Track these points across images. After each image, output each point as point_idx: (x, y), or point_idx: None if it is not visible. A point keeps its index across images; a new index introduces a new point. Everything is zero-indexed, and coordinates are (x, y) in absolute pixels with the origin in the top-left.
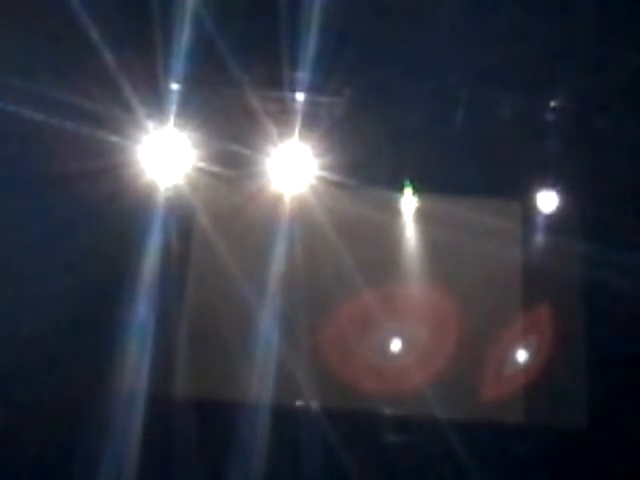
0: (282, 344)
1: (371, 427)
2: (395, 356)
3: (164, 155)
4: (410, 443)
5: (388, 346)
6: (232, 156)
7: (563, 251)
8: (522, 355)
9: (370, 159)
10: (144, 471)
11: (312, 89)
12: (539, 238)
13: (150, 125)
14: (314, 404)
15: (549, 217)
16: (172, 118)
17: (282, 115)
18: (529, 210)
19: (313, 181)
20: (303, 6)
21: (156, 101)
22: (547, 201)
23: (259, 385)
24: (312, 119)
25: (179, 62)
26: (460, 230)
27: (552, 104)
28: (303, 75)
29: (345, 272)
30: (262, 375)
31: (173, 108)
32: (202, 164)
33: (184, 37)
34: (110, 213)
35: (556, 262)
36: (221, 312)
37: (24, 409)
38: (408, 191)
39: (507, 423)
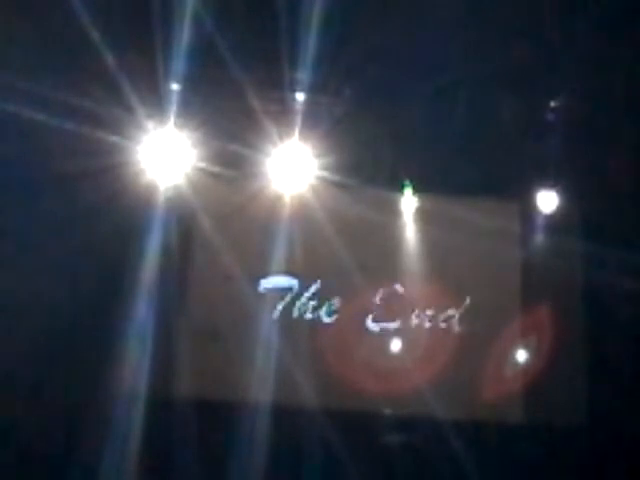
0: (282, 344)
1: (371, 427)
2: (395, 356)
3: (164, 155)
4: (410, 443)
5: (388, 346)
6: (232, 156)
7: (563, 251)
8: (522, 355)
9: (370, 159)
10: (144, 471)
11: (312, 89)
12: (539, 238)
13: (150, 125)
14: (314, 404)
15: (549, 217)
16: (172, 118)
17: (282, 115)
18: (529, 210)
19: (313, 181)
20: (303, 6)
21: (156, 101)
22: (547, 201)
23: (259, 385)
24: (312, 119)
25: (179, 62)
26: (460, 230)
27: (552, 104)
28: (303, 75)
29: (345, 272)
30: (262, 375)
31: (173, 108)
32: (202, 164)
33: (184, 37)
34: (110, 213)
35: (556, 262)
36: (221, 312)
37: (24, 409)
38: (408, 191)
39: (507, 423)
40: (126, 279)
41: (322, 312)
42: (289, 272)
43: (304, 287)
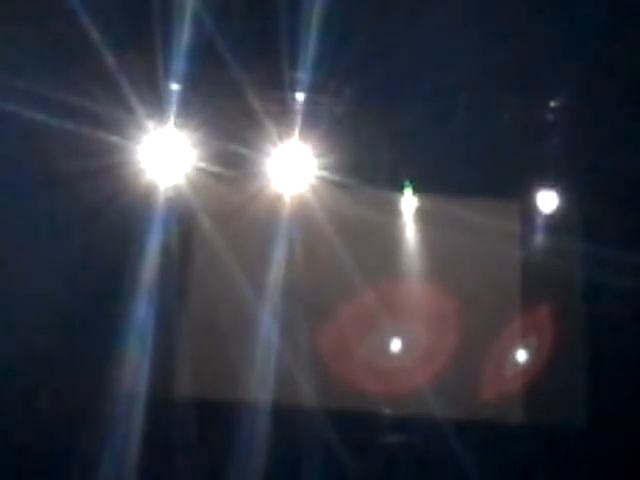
0: (282, 344)
1: (371, 427)
2: (395, 356)
3: (164, 155)
4: (410, 443)
5: (388, 346)
6: (232, 156)
7: (563, 251)
8: (522, 355)
9: (370, 159)
10: (144, 471)
11: (312, 89)
12: (539, 238)
13: (150, 125)
14: (314, 404)
15: (549, 217)
16: (172, 118)
17: (282, 115)
18: (529, 210)
19: (313, 181)
20: (303, 6)
21: (156, 101)
22: (547, 201)
23: (259, 385)
24: (312, 119)
25: (179, 62)
26: (460, 230)
27: (552, 104)
28: (303, 75)
29: (345, 272)
30: (262, 375)
31: (173, 108)
32: (202, 164)
33: (184, 37)
34: (110, 213)
35: (556, 262)
36: (221, 312)
37: (24, 409)
38: (408, 191)
39: (507, 423)
40: (126, 279)
41: (322, 312)
42: (289, 272)
43: (304, 287)
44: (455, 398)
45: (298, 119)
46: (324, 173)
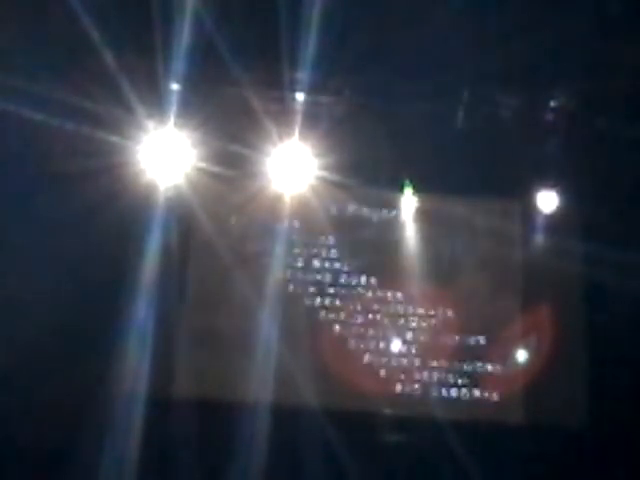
0: (282, 344)
1: (371, 427)
2: (395, 356)
3: (164, 155)
4: (410, 443)
5: (388, 346)
6: (232, 156)
7: (563, 251)
8: (522, 354)
9: (370, 159)
10: (144, 471)
11: (312, 89)
12: (539, 238)
13: (150, 125)
14: (314, 404)
15: (549, 217)
16: (172, 118)
17: (282, 115)
18: (529, 210)
19: (313, 181)
20: (303, 6)
21: (156, 101)
22: (547, 201)
23: (259, 385)
24: (312, 119)
25: (179, 62)
26: (460, 230)
27: (552, 104)
28: (303, 75)
29: (345, 272)
30: (262, 375)
31: (173, 108)
32: (202, 164)
33: (184, 37)
34: (110, 213)
35: (556, 262)
36: (221, 312)
37: (24, 410)
38: (408, 191)
39: (507, 423)
40: (126, 279)
41: (322, 312)
42: (289, 272)
43: (304, 287)
44: (455, 398)
45: (298, 119)
46: (324, 173)
